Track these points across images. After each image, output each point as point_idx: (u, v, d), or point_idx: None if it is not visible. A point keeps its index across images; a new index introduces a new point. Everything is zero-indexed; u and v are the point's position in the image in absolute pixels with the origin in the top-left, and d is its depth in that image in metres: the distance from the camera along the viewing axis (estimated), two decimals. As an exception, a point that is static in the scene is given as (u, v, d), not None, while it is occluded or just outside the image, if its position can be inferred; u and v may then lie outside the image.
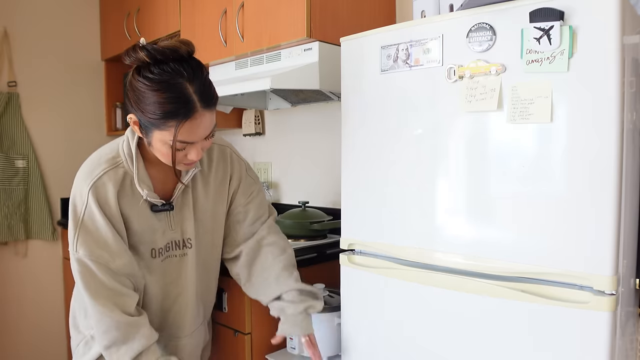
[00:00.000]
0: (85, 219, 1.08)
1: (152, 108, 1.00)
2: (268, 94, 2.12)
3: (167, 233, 1.19)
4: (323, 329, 1.39)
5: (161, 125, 1.01)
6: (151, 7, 2.32)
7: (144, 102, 1.01)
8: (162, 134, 1.03)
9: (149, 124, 1.03)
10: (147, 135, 1.06)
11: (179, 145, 1.04)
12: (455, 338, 1.05)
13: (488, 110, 0.98)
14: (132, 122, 1.07)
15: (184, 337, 1.27)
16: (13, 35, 2.52)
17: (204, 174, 1.25)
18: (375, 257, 1.21)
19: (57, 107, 2.67)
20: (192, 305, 1.26)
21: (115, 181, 1.10)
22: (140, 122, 1.05)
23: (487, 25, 0.98)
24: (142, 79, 1.00)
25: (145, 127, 1.05)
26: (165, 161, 1.09)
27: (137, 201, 1.13)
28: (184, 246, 1.22)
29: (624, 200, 0.89)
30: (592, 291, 0.88)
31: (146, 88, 1.00)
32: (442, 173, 1.07)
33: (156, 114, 1.00)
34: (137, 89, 1.01)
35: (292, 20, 1.62)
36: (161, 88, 0.99)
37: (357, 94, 1.22)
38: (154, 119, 1.01)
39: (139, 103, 1.02)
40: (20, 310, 2.57)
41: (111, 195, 1.09)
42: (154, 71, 1.00)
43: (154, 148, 1.08)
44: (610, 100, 0.85)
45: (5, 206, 2.45)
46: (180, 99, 1.00)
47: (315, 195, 2.12)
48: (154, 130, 1.03)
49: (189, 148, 1.06)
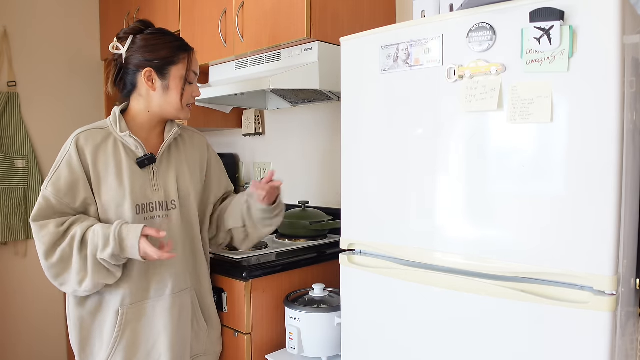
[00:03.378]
0: (62, 165, 1.24)
1: (166, 48, 1.29)
2: (268, 94, 2.12)
3: (151, 192, 1.29)
4: (323, 329, 1.39)
5: (176, 60, 1.29)
6: (151, 7, 2.32)
7: (158, 48, 1.28)
8: (178, 68, 1.30)
9: (166, 64, 1.28)
10: (164, 78, 1.29)
11: (192, 77, 1.33)
12: (455, 338, 1.04)
13: (488, 110, 0.98)
14: (147, 77, 1.29)
15: (165, 296, 1.30)
16: (13, 35, 2.52)
17: (184, 147, 1.42)
18: (375, 257, 1.21)
19: (57, 107, 2.67)
20: (175, 264, 1.31)
21: (101, 136, 1.28)
22: (156, 70, 1.28)
23: (487, 25, 0.98)
24: (149, 35, 1.30)
25: (162, 71, 1.29)
26: (176, 106, 1.31)
27: (120, 157, 1.27)
28: (167, 208, 1.31)
29: (624, 200, 0.89)
30: (592, 291, 0.88)
31: (155, 38, 1.29)
32: (442, 173, 1.07)
33: (171, 50, 1.29)
34: (148, 43, 1.28)
35: (292, 20, 1.62)
36: (166, 34, 1.32)
37: (357, 94, 1.22)
38: (170, 56, 1.29)
39: (153, 52, 1.28)
40: (20, 310, 2.56)
41: (91, 146, 1.25)
42: (151, 30, 1.32)
43: (170, 92, 1.30)
44: (610, 100, 0.85)
45: (5, 206, 2.45)
46: (179, 40, 1.33)
47: (315, 195, 2.12)
48: (171, 68, 1.29)
49: (194, 84, 1.35)
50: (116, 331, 1.25)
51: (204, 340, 1.41)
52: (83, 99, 2.76)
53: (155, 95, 1.31)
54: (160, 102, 1.31)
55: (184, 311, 1.34)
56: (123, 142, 1.29)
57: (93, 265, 1.19)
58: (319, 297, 1.48)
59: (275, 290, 1.53)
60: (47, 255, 1.21)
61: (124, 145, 1.29)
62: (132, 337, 1.27)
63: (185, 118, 1.37)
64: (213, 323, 1.45)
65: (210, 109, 2.26)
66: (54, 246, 1.21)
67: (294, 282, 1.59)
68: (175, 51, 1.29)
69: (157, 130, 1.36)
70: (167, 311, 1.29)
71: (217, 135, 2.66)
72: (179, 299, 1.32)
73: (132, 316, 1.27)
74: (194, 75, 1.34)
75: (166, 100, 1.31)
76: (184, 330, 1.34)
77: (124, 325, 1.26)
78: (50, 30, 2.63)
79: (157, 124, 1.36)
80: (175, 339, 1.31)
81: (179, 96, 1.31)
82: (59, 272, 1.22)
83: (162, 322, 1.29)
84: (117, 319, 1.25)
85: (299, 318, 1.40)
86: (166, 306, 1.29)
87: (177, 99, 1.31)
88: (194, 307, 1.38)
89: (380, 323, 1.18)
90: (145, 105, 1.32)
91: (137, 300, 1.27)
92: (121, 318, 1.25)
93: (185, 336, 1.35)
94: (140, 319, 1.28)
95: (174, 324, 1.30)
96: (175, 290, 1.31)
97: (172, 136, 1.35)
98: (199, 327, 1.40)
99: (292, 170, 2.23)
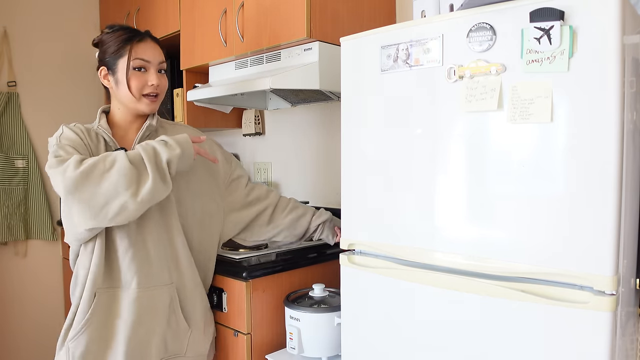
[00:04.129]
0: (62, 139, 1.27)
1: (113, 43, 1.32)
2: (268, 94, 2.12)
3: None
4: (323, 329, 1.39)
5: (121, 51, 1.31)
6: (151, 7, 2.33)
7: (107, 45, 1.33)
8: (124, 60, 1.31)
9: (114, 59, 1.32)
10: (114, 72, 1.32)
11: (137, 63, 1.31)
12: (455, 338, 1.04)
13: (488, 110, 0.98)
14: (103, 76, 1.35)
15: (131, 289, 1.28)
16: (13, 35, 2.52)
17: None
18: (375, 257, 1.21)
19: (57, 107, 2.67)
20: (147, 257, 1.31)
21: (85, 128, 1.33)
22: (107, 67, 1.33)
23: (487, 25, 0.98)
24: (107, 34, 1.34)
25: (112, 66, 1.32)
26: (131, 98, 1.32)
27: (100, 148, 1.32)
28: None
29: (624, 200, 0.89)
30: (592, 291, 0.88)
31: (110, 35, 1.34)
32: (442, 173, 1.07)
33: (116, 44, 1.31)
34: (104, 42, 1.34)
35: (292, 20, 1.62)
36: (116, 29, 1.35)
37: (357, 94, 1.22)
38: (115, 50, 1.31)
39: (105, 52, 1.33)
40: (20, 310, 2.57)
41: (80, 132, 1.30)
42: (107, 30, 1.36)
43: (120, 85, 1.32)
44: (610, 100, 0.85)
45: (5, 206, 2.45)
46: (128, 32, 1.34)
47: (315, 195, 2.12)
48: (118, 61, 1.31)
49: (148, 73, 1.34)
50: (89, 313, 1.25)
51: (183, 340, 1.37)
52: (83, 99, 2.76)
53: (115, 92, 1.35)
54: (119, 97, 1.35)
55: (156, 307, 1.31)
56: (103, 137, 1.34)
57: (154, 169, 1.19)
58: (319, 297, 1.48)
59: (275, 290, 1.53)
60: (76, 165, 1.16)
61: (105, 140, 1.34)
62: (99, 322, 1.27)
63: (148, 110, 1.35)
64: (197, 323, 1.39)
65: (210, 109, 2.26)
66: (81, 161, 1.17)
67: (294, 282, 1.59)
68: (120, 44, 1.31)
69: (134, 126, 1.39)
70: (132, 304, 1.28)
71: (217, 135, 2.66)
72: (150, 293, 1.30)
73: (104, 301, 1.27)
74: (142, 62, 1.32)
75: (121, 94, 1.33)
76: (150, 327, 1.31)
77: (95, 308, 1.26)
78: (51, 30, 2.64)
79: (132, 119, 1.38)
80: (135, 333, 1.28)
81: (127, 87, 1.31)
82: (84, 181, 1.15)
83: (126, 313, 1.28)
84: (92, 302, 1.26)
85: (299, 318, 1.40)
86: (132, 298, 1.28)
87: (127, 91, 1.32)
88: (173, 305, 1.34)
89: (381, 323, 1.18)
90: (115, 103, 1.38)
91: (111, 286, 1.28)
92: (96, 301, 1.26)
93: (154, 333, 1.31)
94: (110, 306, 1.28)
95: (136, 318, 1.28)
96: (144, 284, 1.29)
97: (145, 130, 1.37)
98: (178, 326, 1.35)
99: (292, 170, 2.23)
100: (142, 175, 1.18)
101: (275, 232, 1.56)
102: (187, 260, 1.38)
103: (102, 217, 1.16)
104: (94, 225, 1.18)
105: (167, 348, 1.35)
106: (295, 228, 1.57)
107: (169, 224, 1.35)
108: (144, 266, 1.30)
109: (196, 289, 1.40)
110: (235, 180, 1.54)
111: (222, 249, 1.69)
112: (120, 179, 1.15)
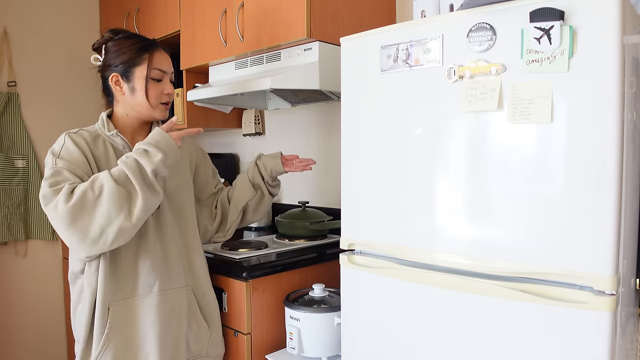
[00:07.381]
0: (62, 153, 1.26)
1: (130, 50, 1.32)
2: (268, 94, 2.12)
3: None
4: (323, 329, 1.39)
5: (139, 61, 1.32)
6: (151, 7, 2.32)
7: (121, 52, 1.32)
8: (141, 68, 1.32)
9: (130, 66, 1.32)
10: (129, 80, 1.32)
11: (156, 74, 1.33)
12: (455, 338, 1.05)
13: (488, 110, 0.98)
14: (114, 82, 1.33)
15: (152, 294, 1.29)
16: (13, 35, 2.52)
17: None
18: (375, 257, 1.21)
19: (57, 107, 2.67)
20: (165, 261, 1.32)
21: (91, 137, 1.31)
22: (121, 73, 1.32)
23: (487, 25, 0.98)
24: (117, 40, 1.34)
25: (127, 73, 1.32)
26: (147, 106, 1.34)
27: (109, 156, 1.31)
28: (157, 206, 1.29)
29: (624, 200, 0.89)
30: (592, 291, 0.88)
31: (120, 43, 1.33)
32: (442, 173, 1.07)
33: (133, 52, 1.32)
34: (113, 49, 1.33)
35: (292, 20, 1.62)
36: (131, 37, 1.35)
37: (357, 94, 1.22)
38: (132, 58, 1.31)
39: (117, 57, 1.32)
40: (20, 310, 2.56)
41: (84, 143, 1.28)
42: (118, 36, 1.35)
43: (136, 93, 1.32)
44: (610, 100, 0.85)
45: (5, 206, 2.45)
46: (145, 40, 1.36)
47: (315, 195, 2.12)
48: (134, 69, 1.32)
49: (163, 82, 1.36)
50: (107, 328, 1.24)
51: (205, 341, 1.41)
52: (83, 99, 2.76)
53: (126, 99, 1.34)
54: (132, 104, 1.34)
55: (177, 310, 1.33)
56: (112, 143, 1.33)
57: (142, 185, 1.17)
58: (319, 297, 1.48)
59: (275, 290, 1.53)
60: (66, 199, 1.13)
61: (112, 145, 1.33)
62: (121, 334, 1.26)
63: (161, 117, 1.38)
64: (214, 323, 1.44)
65: (210, 109, 2.26)
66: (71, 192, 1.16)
67: (294, 282, 1.59)
68: (137, 52, 1.32)
69: (142, 132, 1.40)
70: (154, 309, 1.29)
71: (217, 135, 2.66)
72: (170, 296, 1.32)
73: (121, 313, 1.26)
74: (160, 72, 1.34)
75: (135, 101, 1.33)
76: (176, 330, 1.33)
77: (113, 322, 1.25)
78: (50, 30, 2.63)
79: (140, 126, 1.39)
80: (164, 337, 1.30)
81: (145, 96, 1.33)
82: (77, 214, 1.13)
83: (149, 320, 1.28)
84: (107, 316, 1.25)
85: (299, 318, 1.40)
86: (153, 304, 1.29)
87: (144, 99, 1.33)
88: (191, 307, 1.37)
89: (381, 323, 1.18)
90: (123, 109, 1.36)
91: (125, 297, 1.27)
92: (112, 315, 1.25)
93: (178, 336, 1.34)
94: (128, 316, 1.28)
95: (162, 323, 1.29)
96: (164, 287, 1.31)
97: None
98: (199, 327, 1.39)
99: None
100: (132, 194, 1.17)
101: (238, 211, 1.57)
102: (200, 260, 1.42)
103: (102, 243, 1.16)
104: (97, 252, 1.18)
105: (190, 349, 1.38)
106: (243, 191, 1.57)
107: (183, 225, 1.40)
108: (162, 270, 1.32)
109: (209, 289, 1.44)
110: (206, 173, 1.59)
111: (222, 249, 1.69)
112: (111, 206, 1.14)
